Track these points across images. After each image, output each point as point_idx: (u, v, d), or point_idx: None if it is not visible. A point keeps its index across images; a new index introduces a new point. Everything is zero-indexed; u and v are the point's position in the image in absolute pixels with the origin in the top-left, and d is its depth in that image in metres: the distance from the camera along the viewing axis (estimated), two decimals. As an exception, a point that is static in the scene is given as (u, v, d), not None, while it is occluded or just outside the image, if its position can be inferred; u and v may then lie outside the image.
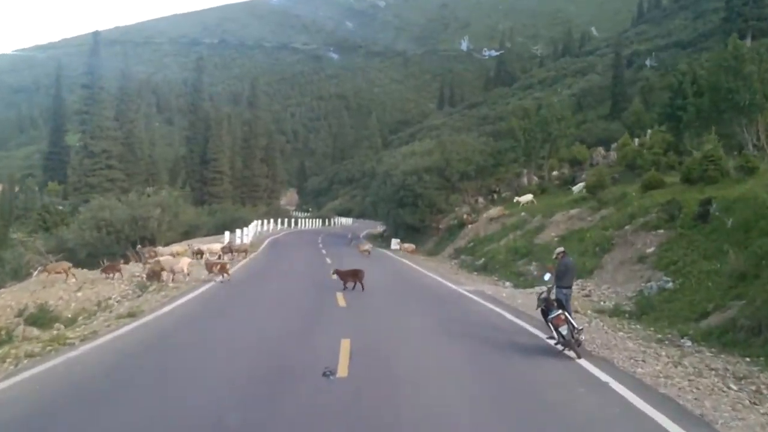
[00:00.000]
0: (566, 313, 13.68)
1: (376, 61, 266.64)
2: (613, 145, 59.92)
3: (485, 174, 53.18)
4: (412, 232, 53.16)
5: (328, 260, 36.79)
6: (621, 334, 16.89)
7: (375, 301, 20.97)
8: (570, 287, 15.37)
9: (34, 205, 65.91)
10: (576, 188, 43.61)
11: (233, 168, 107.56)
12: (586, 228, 31.79)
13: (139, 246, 38.93)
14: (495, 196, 52.83)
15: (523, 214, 42.07)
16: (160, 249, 36.19)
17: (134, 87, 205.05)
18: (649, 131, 60.26)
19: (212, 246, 37.16)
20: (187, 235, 60.92)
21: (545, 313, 14.37)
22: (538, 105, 56.16)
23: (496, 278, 32.11)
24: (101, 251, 44.15)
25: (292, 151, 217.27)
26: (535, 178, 52.81)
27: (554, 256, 15.89)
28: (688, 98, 40.52)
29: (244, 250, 37.34)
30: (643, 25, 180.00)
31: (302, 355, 12.69)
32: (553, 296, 14.76)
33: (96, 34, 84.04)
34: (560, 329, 13.40)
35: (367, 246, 41.89)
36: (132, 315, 16.96)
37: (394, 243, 51.99)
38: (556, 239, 32.82)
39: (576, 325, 13.72)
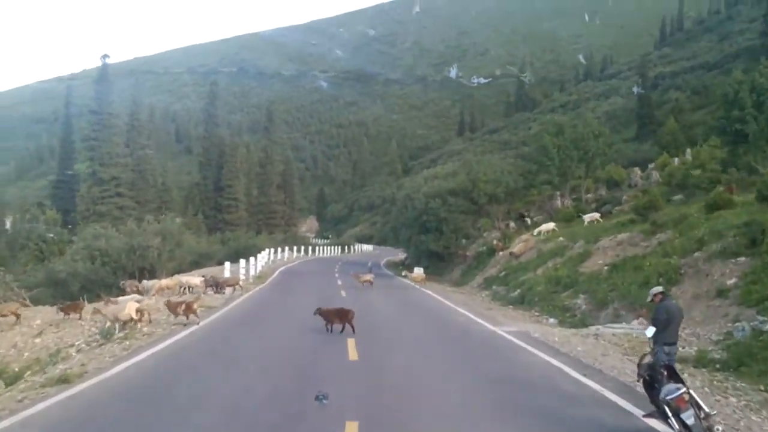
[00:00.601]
0: (691, 391, 8.87)
1: (395, 88, 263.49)
2: (650, 165, 55.52)
3: (515, 196, 48.47)
4: (436, 260, 48.50)
5: (343, 293, 32.17)
6: (733, 399, 12.10)
7: (397, 352, 16.12)
8: (675, 343, 10.50)
9: (32, 235, 61.84)
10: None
11: (249, 195, 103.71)
12: (641, 255, 26.89)
13: (123, 282, 34.39)
14: (528, 220, 48.04)
15: (561, 239, 37.30)
16: (145, 283, 31.74)
17: (146, 114, 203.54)
18: (688, 150, 56.09)
19: (191, 279, 32.52)
20: (197, 264, 56.95)
21: (650, 386, 9.61)
22: (573, 122, 51.18)
23: (536, 313, 27.40)
24: (96, 283, 39.84)
25: (311, 178, 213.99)
26: (569, 201, 48.03)
27: (649, 299, 10.85)
28: (747, 109, 35.64)
29: (234, 283, 32.54)
30: (666, 48, 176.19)
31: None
32: (651, 358, 9.98)
33: (104, 56, 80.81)
34: (683, 415, 8.58)
35: (368, 276, 36.92)
36: (65, 381, 12.30)
37: (416, 271, 47.38)
38: (606, 268, 27.97)
39: (706, 408, 8.90)
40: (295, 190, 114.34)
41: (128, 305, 18.84)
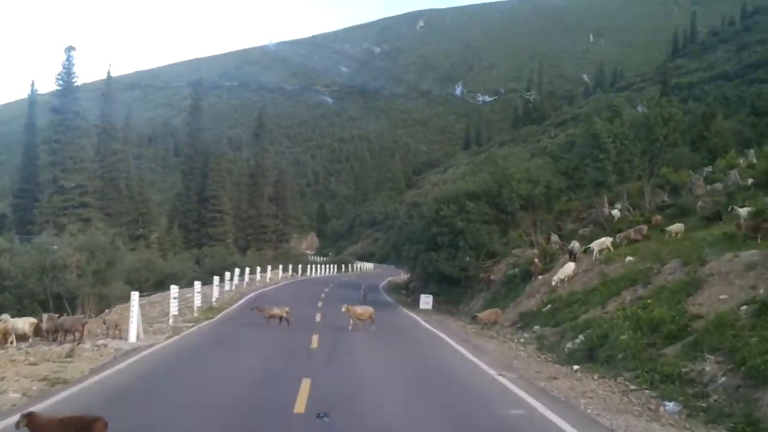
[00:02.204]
0: None
1: (399, 102, 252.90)
2: (707, 169, 44.70)
3: (555, 202, 36.51)
4: (449, 286, 36.59)
5: (314, 342, 20.54)
6: None
7: None
8: None
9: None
10: (673, 228, 27.64)
11: (238, 207, 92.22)
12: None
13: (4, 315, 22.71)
14: (556, 237, 36.20)
15: (628, 258, 25.61)
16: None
17: (146, 128, 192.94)
18: (751, 151, 45.75)
19: (17, 322, 20.81)
20: (161, 286, 46.15)
21: None
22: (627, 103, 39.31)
23: (626, 383, 15.87)
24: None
25: (312, 194, 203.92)
26: (626, 208, 36.29)
27: None
28: None
29: (113, 326, 21.02)
30: (680, 59, 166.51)
31: None
32: None
33: (69, 48, 68.95)
34: None
35: (362, 311, 24.98)
36: None
37: (424, 301, 35.63)
38: (745, 308, 16.28)
39: None
40: (288, 202, 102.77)
41: None
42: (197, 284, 35.55)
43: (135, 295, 20.55)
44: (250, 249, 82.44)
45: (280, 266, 63.03)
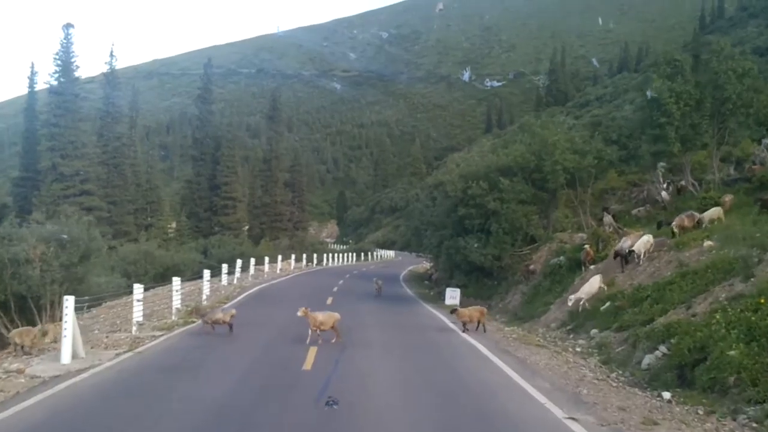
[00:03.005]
0: None
1: (419, 87, 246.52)
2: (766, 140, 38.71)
3: (605, 176, 30.65)
4: (479, 277, 31.27)
5: (308, 363, 15.29)
6: None
7: None
8: None
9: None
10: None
11: (252, 195, 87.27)
12: None
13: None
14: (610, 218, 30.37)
15: (706, 243, 20.12)
16: None
17: (164, 117, 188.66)
18: None
19: None
20: (162, 278, 41.49)
21: None
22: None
23: (746, 420, 10.62)
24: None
25: (332, 181, 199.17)
26: (689, 183, 30.50)
27: None
28: None
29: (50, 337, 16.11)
30: (709, 35, 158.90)
31: None
32: None
33: (67, 26, 64.07)
34: None
35: (324, 318, 18.82)
36: None
37: (450, 296, 30.31)
38: None
39: None
40: (305, 188, 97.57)
41: None
42: (206, 274, 30.64)
43: (70, 301, 15.37)
44: (264, 238, 77.38)
45: (293, 256, 57.91)
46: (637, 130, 28.81)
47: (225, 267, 38.33)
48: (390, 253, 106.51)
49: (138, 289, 20.70)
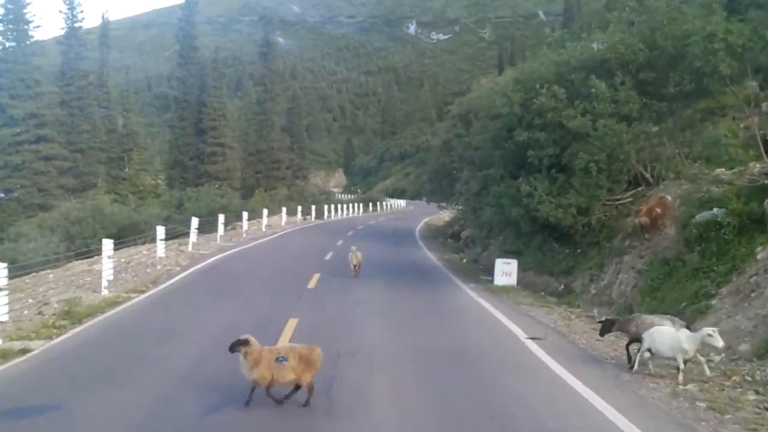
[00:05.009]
0: None
1: (427, 31, 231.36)
2: None
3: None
4: (543, 239, 19.51)
5: None
6: None
7: None
8: None
9: None
10: None
11: (246, 141, 75.27)
12: None
13: None
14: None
15: None
16: None
17: (165, 68, 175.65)
18: None
19: None
20: (118, 237, 30.36)
21: None
22: None
23: None
24: None
25: (339, 129, 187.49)
26: None
27: None
28: None
29: None
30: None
31: None
32: None
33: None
34: None
35: None
36: None
37: (503, 270, 18.80)
38: None
39: None
40: (304, 132, 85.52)
41: None
42: (160, 231, 19.58)
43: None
44: (259, 188, 65.66)
45: (284, 209, 46.19)
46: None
47: (194, 223, 27.44)
48: (401, 203, 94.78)
49: None
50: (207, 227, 34.25)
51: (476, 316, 14.47)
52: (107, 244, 16.17)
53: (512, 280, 18.84)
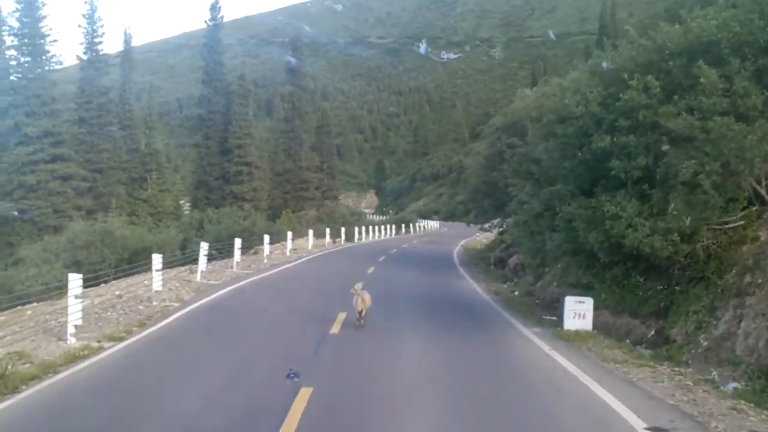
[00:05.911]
0: None
1: (458, 51, 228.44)
2: None
3: None
4: (626, 271, 15.23)
5: None
6: None
7: None
8: None
9: None
10: None
11: (274, 160, 72.29)
12: None
13: None
14: None
15: None
16: None
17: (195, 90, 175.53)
18: None
19: None
20: (129, 262, 28.03)
21: None
22: None
23: None
24: None
25: (370, 150, 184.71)
26: None
27: None
28: None
29: None
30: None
31: None
32: None
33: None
34: None
35: None
36: None
37: (573, 311, 14.86)
38: None
39: None
40: (334, 152, 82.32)
41: None
42: (156, 260, 16.37)
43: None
44: (286, 209, 62.38)
45: (310, 232, 42.56)
46: None
47: (204, 249, 24.04)
48: (434, 224, 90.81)
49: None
50: (227, 252, 31.03)
51: (555, 383, 10.50)
52: (74, 280, 12.58)
53: (587, 323, 14.84)
